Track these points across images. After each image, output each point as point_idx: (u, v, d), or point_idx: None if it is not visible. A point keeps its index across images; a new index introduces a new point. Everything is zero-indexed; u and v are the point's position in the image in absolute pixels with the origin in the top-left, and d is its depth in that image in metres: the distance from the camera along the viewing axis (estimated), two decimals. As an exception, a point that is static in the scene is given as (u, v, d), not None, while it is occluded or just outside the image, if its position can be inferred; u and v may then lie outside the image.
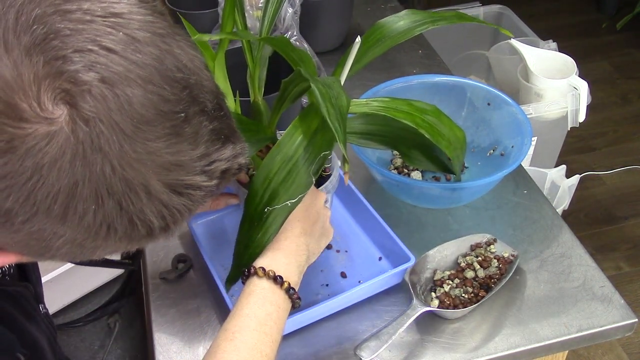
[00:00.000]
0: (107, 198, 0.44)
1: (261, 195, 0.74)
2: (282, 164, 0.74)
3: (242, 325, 0.69)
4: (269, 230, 0.74)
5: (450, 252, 0.98)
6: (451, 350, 0.87)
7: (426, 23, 0.85)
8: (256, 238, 0.75)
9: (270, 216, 0.74)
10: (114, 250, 0.49)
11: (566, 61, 1.57)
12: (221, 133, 0.49)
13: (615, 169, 2.38)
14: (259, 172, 0.74)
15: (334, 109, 0.65)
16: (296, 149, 0.75)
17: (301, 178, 0.74)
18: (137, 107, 0.43)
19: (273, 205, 0.73)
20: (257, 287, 0.71)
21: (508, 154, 1.09)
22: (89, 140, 0.42)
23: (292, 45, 0.75)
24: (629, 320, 0.90)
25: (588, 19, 3.23)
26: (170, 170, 0.46)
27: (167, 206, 0.47)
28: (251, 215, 0.75)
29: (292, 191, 0.73)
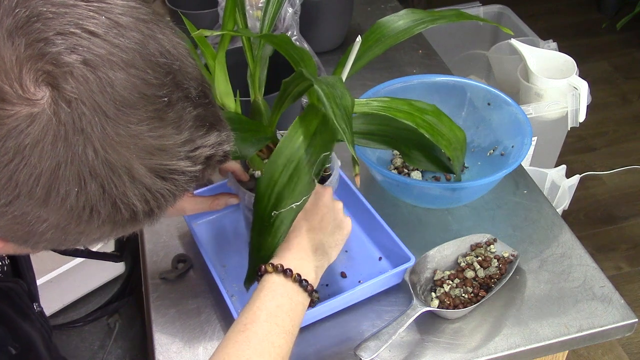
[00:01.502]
0: (89, 180, 0.44)
1: (267, 198, 0.75)
2: (285, 167, 0.74)
3: (253, 318, 0.69)
4: (278, 233, 0.75)
5: (450, 252, 0.98)
6: (451, 350, 0.87)
7: (426, 22, 0.85)
8: (267, 241, 0.75)
9: (277, 220, 0.74)
10: (99, 236, 0.49)
11: (566, 61, 1.57)
12: (206, 120, 0.49)
13: (615, 169, 2.38)
14: (264, 175, 0.75)
15: (339, 109, 0.65)
16: (297, 151, 0.75)
17: (304, 181, 0.74)
18: (119, 90, 0.43)
19: (279, 209, 0.74)
20: (267, 282, 0.72)
21: (508, 154, 1.09)
22: (71, 121, 0.42)
23: (293, 43, 0.75)
24: (629, 320, 0.90)
25: (588, 19, 3.23)
26: (154, 155, 0.45)
27: (151, 190, 0.47)
28: (260, 218, 0.75)
29: (296, 194, 0.74)
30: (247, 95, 0.89)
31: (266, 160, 0.89)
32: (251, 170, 0.90)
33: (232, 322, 0.88)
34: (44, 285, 1.40)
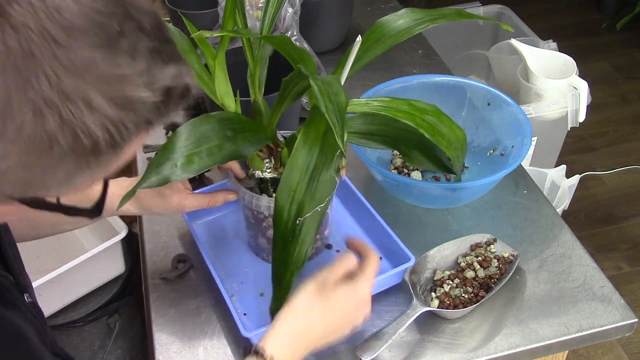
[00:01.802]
0: (45, 109, 0.43)
1: (288, 210, 0.74)
2: (302, 174, 0.74)
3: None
4: (305, 241, 0.74)
5: (450, 252, 0.98)
6: (451, 350, 0.87)
7: (426, 21, 0.85)
8: (294, 254, 0.74)
9: (303, 227, 0.73)
10: (66, 177, 0.48)
11: (566, 61, 1.57)
12: (162, 53, 0.49)
13: (615, 169, 2.38)
14: (281, 188, 0.74)
15: (332, 104, 0.65)
16: (311, 155, 0.74)
17: (324, 181, 0.74)
18: (67, 16, 0.43)
19: (303, 215, 0.73)
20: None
21: (508, 154, 1.09)
22: (19, 47, 0.42)
23: (293, 43, 0.75)
24: (629, 320, 0.90)
25: (588, 19, 3.23)
26: (110, 84, 0.45)
27: (111, 119, 0.46)
28: (283, 233, 0.74)
29: (318, 196, 0.73)
30: (247, 95, 0.89)
31: (266, 160, 0.89)
32: (251, 170, 0.90)
33: (232, 322, 0.88)
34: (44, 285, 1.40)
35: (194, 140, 0.74)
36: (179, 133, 0.74)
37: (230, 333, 0.90)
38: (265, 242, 0.96)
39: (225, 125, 0.77)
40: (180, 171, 0.72)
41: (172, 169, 0.72)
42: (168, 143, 0.73)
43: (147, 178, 0.71)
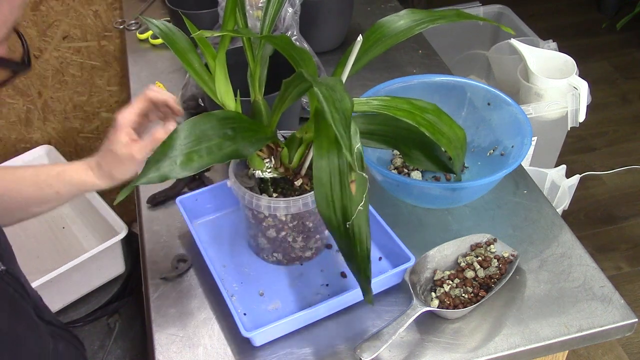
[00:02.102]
0: None
1: (335, 218, 0.75)
2: (332, 182, 0.75)
3: None
4: (362, 239, 0.75)
5: (450, 252, 0.98)
6: (451, 350, 0.87)
7: (426, 22, 0.85)
8: (357, 253, 0.75)
9: (355, 229, 0.75)
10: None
11: (566, 61, 1.57)
12: None
13: (615, 169, 2.38)
14: (319, 202, 0.75)
15: (338, 113, 0.64)
16: (332, 162, 0.75)
17: (356, 182, 0.74)
18: None
19: (350, 219, 0.74)
20: None
21: (508, 154, 1.09)
22: None
23: (293, 43, 0.75)
24: (629, 320, 0.90)
25: (588, 19, 3.23)
26: None
27: None
28: (340, 238, 0.75)
29: (356, 197, 0.74)
30: (247, 95, 0.89)
31: (266, 160, 0.89)
32: (251, 170, 0.90)
33: (232, 322, 0.88)
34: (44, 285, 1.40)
35: (193, 138, 0.74)
36: (179, 131, 0.74)
37: (230, 333, 0.90)
38: (265, 242, 0.96)
39: (226, 124, 0.77)
40: (180, 168, 0.72)
41: (171, 166, 0.72)
42: (168, 140, 0.73)
43: (146, 174, 0.71)
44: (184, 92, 1.30)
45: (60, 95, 1.93)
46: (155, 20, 0.87)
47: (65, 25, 1.80)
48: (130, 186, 0.71)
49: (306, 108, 1.24)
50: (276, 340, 0.89)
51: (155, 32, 0.86)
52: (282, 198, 0.88)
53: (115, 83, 1.96)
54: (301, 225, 0.93)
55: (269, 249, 0.97)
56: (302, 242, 0.95)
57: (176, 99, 0.92)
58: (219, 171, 1.17)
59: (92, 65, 1.90)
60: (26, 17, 1.76)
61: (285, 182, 0.92)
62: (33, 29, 1.78)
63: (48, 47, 1.83)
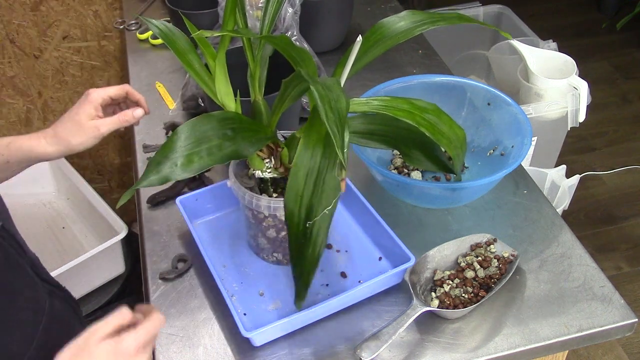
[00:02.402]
0: None
1: (298, 214, 0.75)
2: (307, 178, 0.75)
3: None
4: (317, 242, 0.75)
5: (450, 252, 0.98)
6: (451, 350, 0.87)
7: (426, 23, 0.85)
8: (307, 254, 0.75)
9: (314, 229, 0.75)
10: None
11: (566, 61, 1.57)
12: None
13: (615, 169, 2.38)
14: (288, 194, 0.75)
15: (332, 112, 0.65)
16: (315, 159, 0.75)
17: (329, 184, 0.75)
18: None
19: (312, 219, 0.74)
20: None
21: (508, 154, 1.09)
22: None
23: (293, 44, 0.75)
24: (629, 320, 0.90)
25: (588, 19, 3.23)
26: None
27: None
28: (295, 235, 0.75)
29: (324, 200, 0.74)
30: (247, 95, 0.89)
31: (266, 160, 0.89)
32: (251, 170, 0.90)
33: (232, 322, 0.88)
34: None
35: (194, 139, 0.74)
36: (179, 132, 0.74)
37: (230, 333, 0.90)
38: (265, 242, 0.96)
39: (225, 125, 0.77)
40: (180, 170, 0.72)
41: (171, 168, 0.72)
42: (168, 142, 0.73)
43: (147, 177, 0.71)
44: (184, 92, 1.30)
45: (60, 95, 1.93)
46: (155, 20, 0.87)
47: (65, 25, 1.80)
48: (131, 189, 0.71)
49: (306, 108, 1.24)
50: (276, 340, 0.89)
51: (155, 32, 0.86)
52: (282, 198, 0.88)
53: (115, 83, 1.96)
54: (301, 225, 0.93)
55: (269, 249, 0.97)
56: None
57: (144, 100, 1.01)
58: (219, 171, 1.17)
59: (92, 65, 1.90)
60: (26, 17, 1.76)
61: (285, 182, 0.92)
62: (33, 29, 1.78)
63: (48, 47, 1.83)
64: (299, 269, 0.76)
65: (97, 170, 2.09)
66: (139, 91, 1.02)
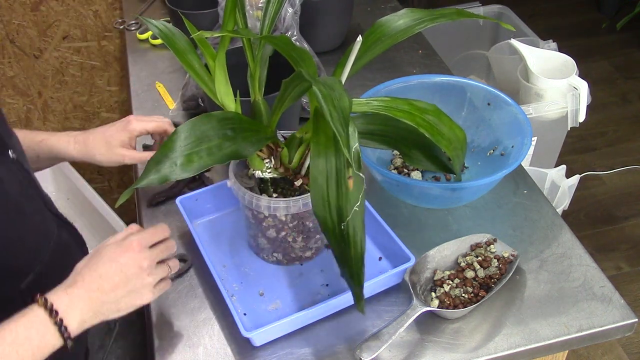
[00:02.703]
0: None
1: (330, 218, 0.74)
2: (328, 182, 0.74)
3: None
4: (356, 240, 0.74)
5: (450, 252, 0.98)
6: (451, 350, 0.87)
7: (425, 21, 0.85)
8: (352, 255, 0.74)
9: (350, 230, 0.73)
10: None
11: (566, 61, 1.57)
12: None
13: (615, 169, 2.38)
14: (314, 202, 0.74)
15: (336, 111, 0.64)
16: (330, 161, 0.74)
17: (352, 182, 0.73)
18: None
19: (345, 219, 0.73)
20: (30, 312, 0.72)
21: (508, 154, 1.09)
22: None
23: (293, 44, 0.75)
24: (629, 320, 0.90)
25: (588, 19, 3.23)
26: None
27: None
28: (335, 240, 0.74)
29: (351, 197, 0.73)
30: (247, 95, 0.89)
31: (266, 160, 0.89)
32: (251, 171, 0.90)
33: (232, 322, 0.88)
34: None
35: (193, 139, 0.74)
36: (179, 132, 0.74)
37: (230, 333, 0.90)
38: (265, 242, 0.96)
39: (225, 125, 0.77)
40: (180, 170, 0.72)
41: (171, 167, 0.72)
42: (168, 142, 0.73)
43: (147, 176, 0.71)
44: (184, 92, 1.30)
45: (60, 95, 1.93)
46: (155, 20, 0.87)
47: (65, 25, 1.80)
48: (130, 188, 0.72)
49: (306, 108, 1.24)
50: (276, 340, 0.89)
51: (155, 32, 0.86)
52: (282, 198, 0.88)
53: (115, 83, 1.96)
54: (301, 225, 0.93)
55: (269, 249, 0.97)
56: (302, 242, 0.95)
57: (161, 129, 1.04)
58: (219, 171, 1.17)
59: (92, 65, 1.90)
60: (26, 17, 1.76)
61: (285, 182, 0.92)
62: (33, 29, 1.78)
63: (48, 47, 1.83)
64: (349, 272, 0.74)
65: (97, 170, 2.09)
66: (139, 91, 1.02)
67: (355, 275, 0.74)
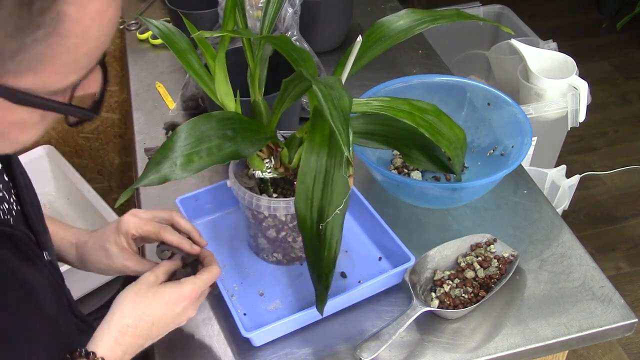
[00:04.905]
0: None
1: (310, 217, 0.74)
2: (315, 181, 0.74)
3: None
4: (332, 243, 0.75)
5: (450, 252, 0.98)
6: (451, 350, 0.87)
7: (426, 22, 0.85)
8: (324, 257, 0.75)
9: (327, 231, 0.74)
10: (12, 41, 0.46)
11: (566, 61, 1.57)
12: None
13: (615, 169, 2.38)
14: (298, 198, 0.74)
15: (336, 110, 0.65)
16: (320, 160, 0.75)
17: (338, 183, 0.74)
18: None
19: (325, 220, 0.74)
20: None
21: (508, 154, 1.09)
22: None
23: (293, 44, 0.75)
24: (629, 320, 0.90)
25: (588, 19, 3.23)
26: None
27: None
28: (310, 238, 0.75)
29: (335, 200, 0.74)
30: (247, 95, 0.89)
31: (266, 160, 0.89)
32: (251, 171, 0.90)
33: (232, 322, 0.88)
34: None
35: (193, 139, 0.74)
36: (179, 132, 0.74)
37: (230, 333, 0.90)
38: (265, 242, 0.96)
39: (225, 125, 0.77)
40: (180, 170, 0.72)
41: (171, 167, 0.71)
42: (168, 142, 0.73)
43: (146, 176, 0.71)
44: (184, 92, 1.30)
45: (60, 95, 1.93)
46: (154, 20, 0.87)
47: (65, 25, 1.80)
48: (130, 188, 0.71)
49: (306, 108, 1.24)
50: (276, 340, 0.89)
51: (155, 32, 0.86)
52: (282, 198, 0.88)
53: (115, 83, 1.96)
54: (301, 225, 0.93)
55: (269, 249, 0.97)
56: (302, 242, 0.95)
57: (197, 232, 0.89)
58: (219, 171, 1.17)
59: (92, 65, 1.90)
60: (26, 17, 1.76)
61: (285, 182, 0.92)
62: (33, 29, 1.78)
63: (48, 47, 1.82)
64: (317, 272, 0.75)
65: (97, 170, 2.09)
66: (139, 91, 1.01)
67: (324, 276, 0.75)
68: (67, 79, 0.51)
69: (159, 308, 0.76)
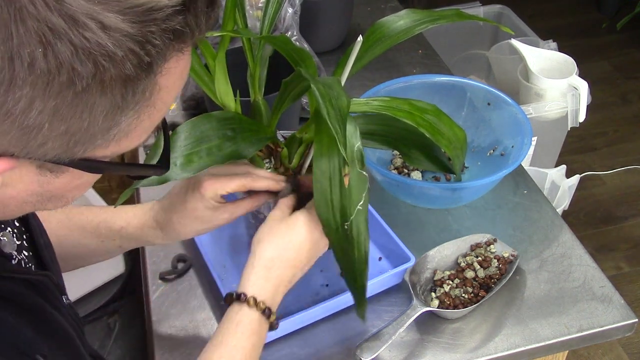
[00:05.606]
0: (51, 37, 0.39)
1: (333, 219, 0.73)
2: (332, 181, 0.73)
3: (229, 357, 0.68)
4: (360, 240, 0.74)
5: (450, 252, 0.98)
6: (451, 350, 0.87)
7: (426, 22, 0.85)
8: (355, 257, 0.74)
9: (353, 229, 0.73)
10: (105, 115, 0.43)
11: (566, 61, 1.57)
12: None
13: (615, 169, 2.38)
14: (318, 203, 0.73)
15: (333, 109, 0.65)
16: (332, 161, 0.74)
17: (355, 181, 0.73)
18: None
19: (348, 219, 0.73)
20: (246, 318, 0.70)
21: (508, 154, 1.09)
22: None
23: (293, 44, 0.75)
24: (629, 320, 0.90)
25: (588, 19, 3.23)
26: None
27: (131, 36, 0.41)
28: (338, 241, 0.74)
29: (354, 197, 0.73)
30: (247, 95, 0.89)
31: (266, 160, 0.89)
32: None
33: (232, 322, 0.88)
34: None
35: (193, 139, 0.74)
36: (179, 132, 0.74)
37: (230, 333, 0.90)
38: (265, 242, 0.96)
39: (225, 125, 0.77)
40: (180, 170, 0.72)
41: (171, 167, 0.71)
42: (167, 142, 0.73)
43: None
44: (184, 92, 1.30)
45: (60, 95, 1.93)
46: (155, 20, 0.87)
47: (65, 25, 1.80)
48: (130, 188, 0.71)
49: (306, 108, 1.24)
50: (276, 340, 0.89)
51: (155, 32, 0.86)
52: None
53: (115, 83, 1.95)
54: (301, 225, 0.93)
55: (269, 249, 0.97)
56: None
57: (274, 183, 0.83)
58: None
59: (92, 65, 1.90)
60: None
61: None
62: (33, 29, 1.78)
63: (48, 47, 1.82)
64: (351, 275, 0.74)
65: (97, 170, 2.08)
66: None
67: (358, 277, 0.74)
68: (139, 141, 0.49)
69: (298, 234, 0.74)
